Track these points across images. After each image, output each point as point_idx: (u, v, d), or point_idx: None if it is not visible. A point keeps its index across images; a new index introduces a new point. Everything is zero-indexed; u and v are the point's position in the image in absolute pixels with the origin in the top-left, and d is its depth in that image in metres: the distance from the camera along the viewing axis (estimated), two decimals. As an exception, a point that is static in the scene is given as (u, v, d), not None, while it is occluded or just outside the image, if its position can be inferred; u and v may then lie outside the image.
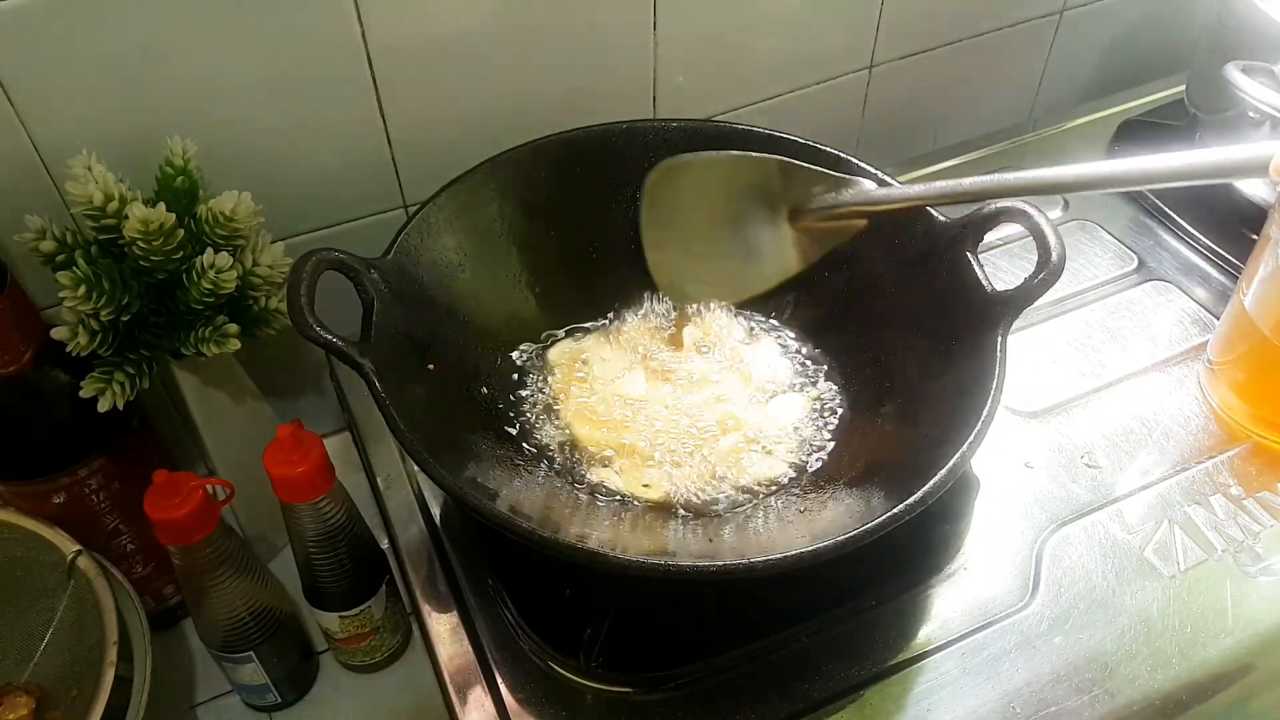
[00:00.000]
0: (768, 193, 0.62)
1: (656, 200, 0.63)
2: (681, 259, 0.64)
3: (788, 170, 0.61)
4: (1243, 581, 0.55)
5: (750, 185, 0.62)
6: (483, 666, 0.53)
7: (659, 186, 0.63)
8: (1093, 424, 0.63)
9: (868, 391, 0.60)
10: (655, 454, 0.58)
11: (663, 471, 0.57)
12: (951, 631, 0.53)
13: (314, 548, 0.59)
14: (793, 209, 0.62)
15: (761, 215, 0.62)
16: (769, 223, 0.62)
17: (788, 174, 0.61)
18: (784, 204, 0.62)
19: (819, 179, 0.60)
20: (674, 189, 0.63)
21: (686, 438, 0.58)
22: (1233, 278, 0.71)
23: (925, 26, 0.80)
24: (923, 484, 0.46)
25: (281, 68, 0.59)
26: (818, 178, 0.60)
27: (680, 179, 0.62)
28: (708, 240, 0.63)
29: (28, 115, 0.54)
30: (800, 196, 0.61)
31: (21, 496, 0.59)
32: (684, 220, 0.63)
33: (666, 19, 0.68)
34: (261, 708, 0.66)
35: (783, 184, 0.61)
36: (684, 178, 0.62)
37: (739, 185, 0.62)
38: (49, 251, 0.53)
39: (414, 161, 0.67)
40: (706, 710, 0.51)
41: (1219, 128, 0.74)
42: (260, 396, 0.67)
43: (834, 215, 0.60)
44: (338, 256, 0.51)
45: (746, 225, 0.63)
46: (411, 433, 0.48)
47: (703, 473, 0.57)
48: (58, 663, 0.58)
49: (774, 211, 0.62)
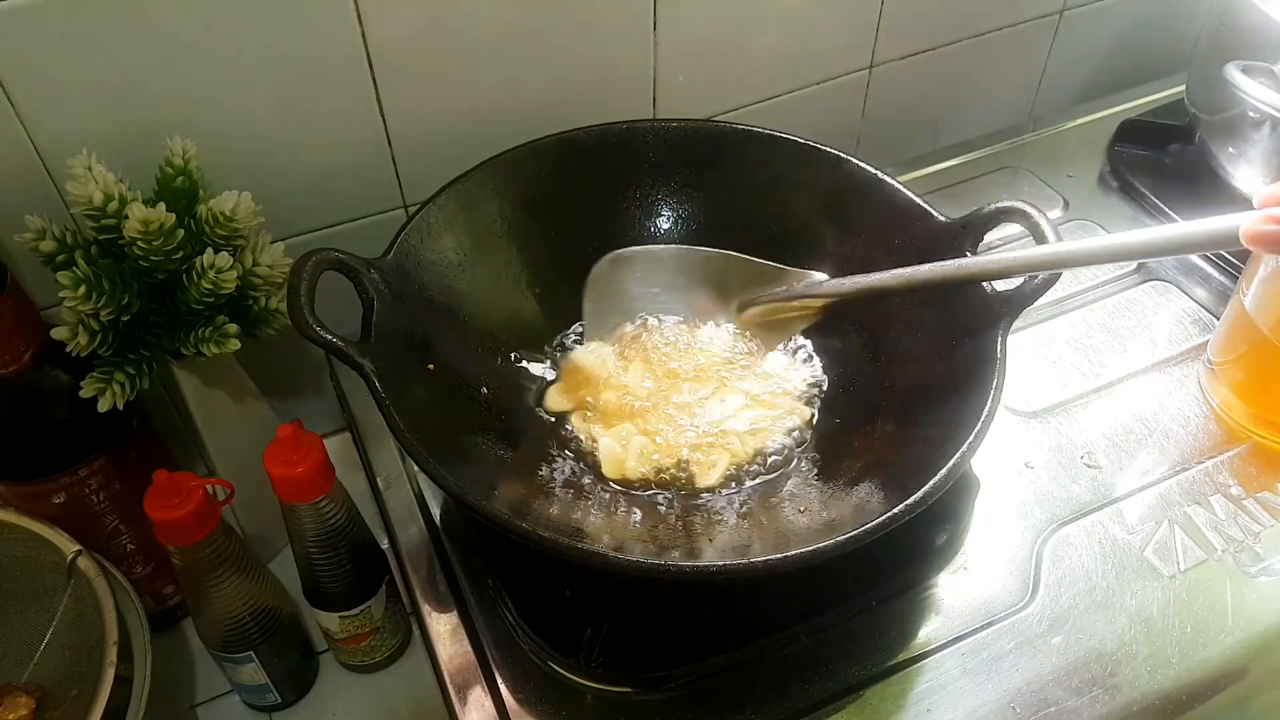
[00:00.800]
0: (717, 285, 0.62)
1: (600, 291, 0.63)
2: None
3: (735, 263, 0.61)
4: (1243, 581, 0.55)
5: (697, 277, 0.62)
6: (483, 666, 0.53)
7: (603, 277, 0.63)
8: (1093, 424, 0.63)
9: (868, 391, 0.60)
10: (655, 453, 0.58)
11: (663, 471, 0.57)
12: (951, 631, 0.53)
13: (314, 548, 0.59)
14: (741, 302, 0.62)
15: (708, 308, 0.63)
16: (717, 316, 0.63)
17: (736, 267, 0.61)
18: (733, 296, 0.62)
19: (768, 271, 0.61)
20: (619, 279, 0.63)
21: (687, 437, 0.59)
22: (1233, 278, 0.71)
23: (925, 26, 0.80)
24: (923, 484, 0.46)
25: (282, 68, 0.59)
26: (767, 270, 0.61)
27: (625, 270, 0.63)
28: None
29: (28, 115, 0.54)
30: (749, 288, 0.61)
31: (21, 496, 0.59)
32: (629, 309, 0.63)
33: (666, 19, 0.68)
34: (261, 708, 0.66)
35: (731, 276, 0.62)
36: (629, 269, 0.63)
37: (686, 277, 0.63)
38: (49, 251, 0.53)
39: (414, 161, 0.67)
40: (706, 710, 0.51)
41: (1219, 128, 0.74)
42: (260, 396, 0.67)
43: (785, 308, 0.60)
44: (338, 256, 0.51)
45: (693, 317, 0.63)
46: (411, 433, 0.48)
47: (703, 472, 0.57)
48: (58, 663, 0.58)
49: (723, 304, 0.63)
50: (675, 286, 0.63)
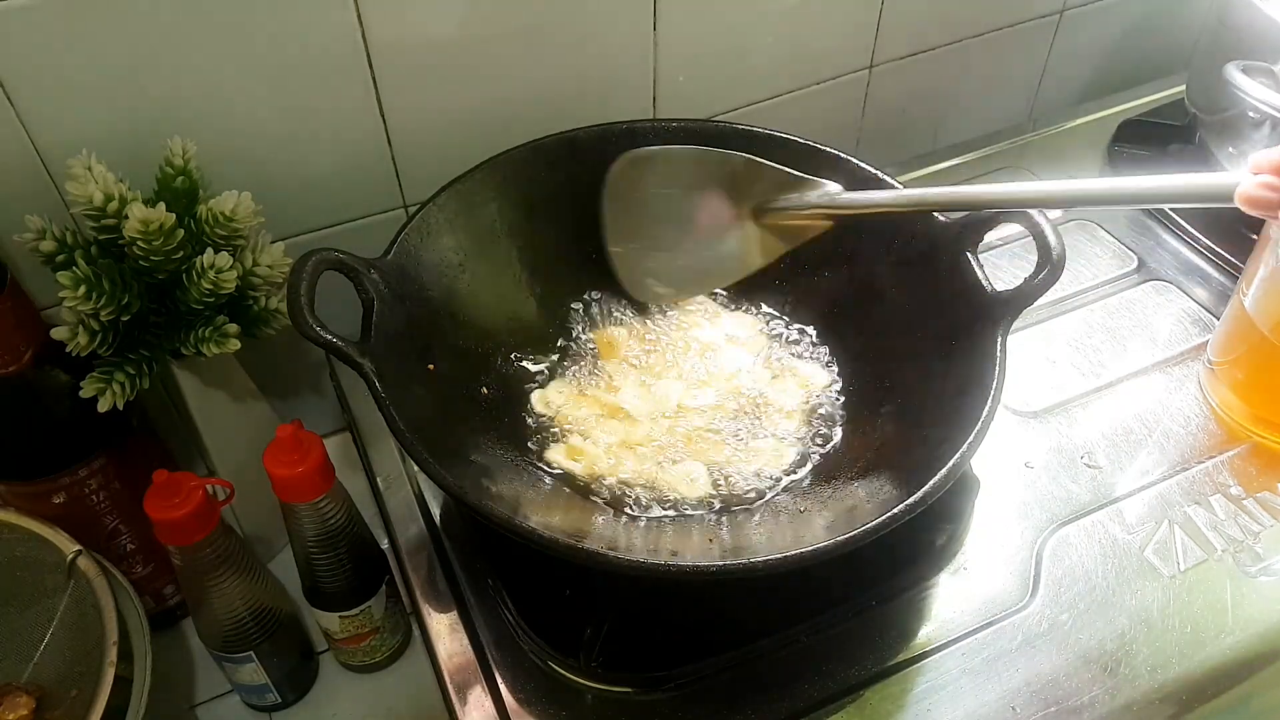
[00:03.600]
0: (732, 189, 0.62)
1: (618, 192, 0.62)
2: (641, 251, 0.64)
3: (753, 168, 0.61)
4: (1243, 581, 0.55)
5: (714, 180, 0.62)
6: (483, 666, 0.53)
7: (621, 177, 0.62)
8: (1093, 424, 0.63)
9: (868, 391, 0.60)
10: (655, 453, 0.58)
11: (663, 471, 0.57)
12: (951, 631, 0.53)
13: (314, 548, 0.58)
14: (756, 206, 0.61)
15: (724, 210, 0.62)
16: (732, 218, 0.62)
17: (753, 171, 0.61)
18: (748, 200, 0.61)
19: (784, 178, 0.60)
20: (637, 180, 0.62)
21: (686, 437, 0.59)
22: (1233, 278, 0.71)
23: (925, 26, 0.80)
24: (923, 484, 0.46)
25: (282, 68, 0.59)
26: (783, 177, 0.60)
27: (643, 171, 0.62)
28: (669, 233, 0.63)
29: (28, 115, 0.54)
30: (765, 194, 0.61)
31: (21, 496, 0.58)
32: (646, 212, 0.63)
33: (666, 19, 0.68)
34: (261, 708, 0.66)
35: (748, 181, 0.61)
36: (647, 170, 0.62)
37: (703, 179, 0.62)
38: (49, 251, 0.53)
39: (414, 161, 0.67)
40: (706, 710, 0.51)
41: (1219, 128, 0.74)
42: (260, 396, 0.67)
43: (798, 215, 0.60)
44: (338, 256, 0.51)
45: (709, 219, 0.63)
46: (411, 433, 0.48)
47: (702, 472, 0.57)
48: (58, 663, 0.58)
49: (738, 207, 0.62)
50: (692, 188, 0.62)
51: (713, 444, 0.58)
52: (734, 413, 0.60)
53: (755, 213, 0.61)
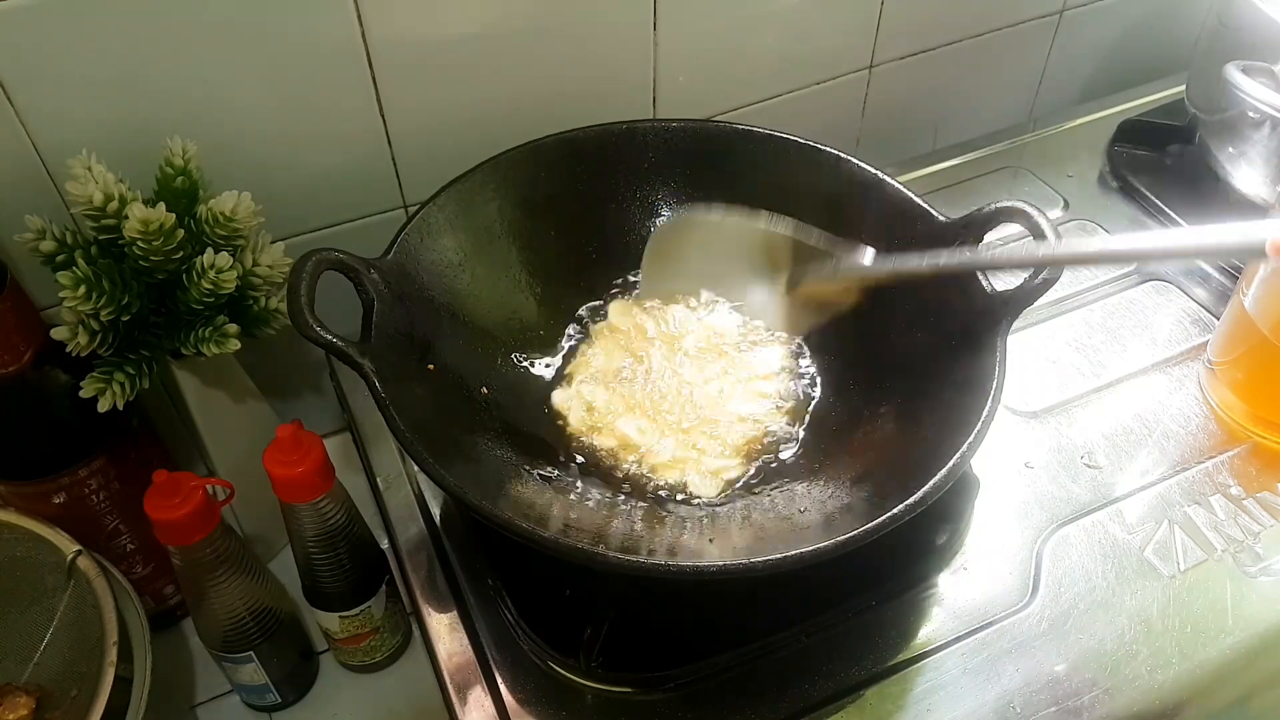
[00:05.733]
0: (771, 260, 0.62)
1: (661, 250, 0.64)
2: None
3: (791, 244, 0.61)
4: (1243, 581, 0.55)
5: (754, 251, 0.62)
6: (482, 666, 0.53)
7: (669, 237, 0.63)
8: (1093, 424, 0.63)
9: (867, 391, 0.60)
10: (654, 453, 0.58)
11: (664, 470, 0.57)
12: (951, 631, 0.54)
13: (314, 548, 0.58)
14: (791, 278, 0.62)
15: (761, 280, 0.63)
16: (767, 288, 0.63)
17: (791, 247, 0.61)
18: (784, 271, 0.62)
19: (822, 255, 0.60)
20: (682, 242, 0.63)
21: (686, 436, 0.59)
22: (1233, 278, 0.71)
23: (925, 26, 0.80)
24: (923, 484, 0.46)
25: (282, 68, 0.59)
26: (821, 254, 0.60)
27: (689, 233, 0.63)
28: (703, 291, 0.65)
29: (28, 115, 0.54)
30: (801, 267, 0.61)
31: (21, 496, 0.58)
32: (684, 270, 0.64)
33: (666, 19, 0.68)
34: (261, 708, 0.66)
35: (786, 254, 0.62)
36: (693, 233, 0.63)
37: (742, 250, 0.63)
38: (49, 251, 0.53)
39: (414, 161, 0.67)
40: (706, 710, 0.51)
41: (1219, 128, 0.74)
42: (260, 396, 0.67)
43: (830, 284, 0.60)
44: (338, 256, 0.51)
45: (745, 286, 0.64)
46: (411, 433, 0.48)
47: (702, 472, 0.57)
48: (58, 663, 0.58)
49: (774, 278, 0.63)
50: (730, 256, 0.63)
51: (713, 442, 0.58)
52: (734, 412, 0.60)
53: (790, 284, 0.62)
